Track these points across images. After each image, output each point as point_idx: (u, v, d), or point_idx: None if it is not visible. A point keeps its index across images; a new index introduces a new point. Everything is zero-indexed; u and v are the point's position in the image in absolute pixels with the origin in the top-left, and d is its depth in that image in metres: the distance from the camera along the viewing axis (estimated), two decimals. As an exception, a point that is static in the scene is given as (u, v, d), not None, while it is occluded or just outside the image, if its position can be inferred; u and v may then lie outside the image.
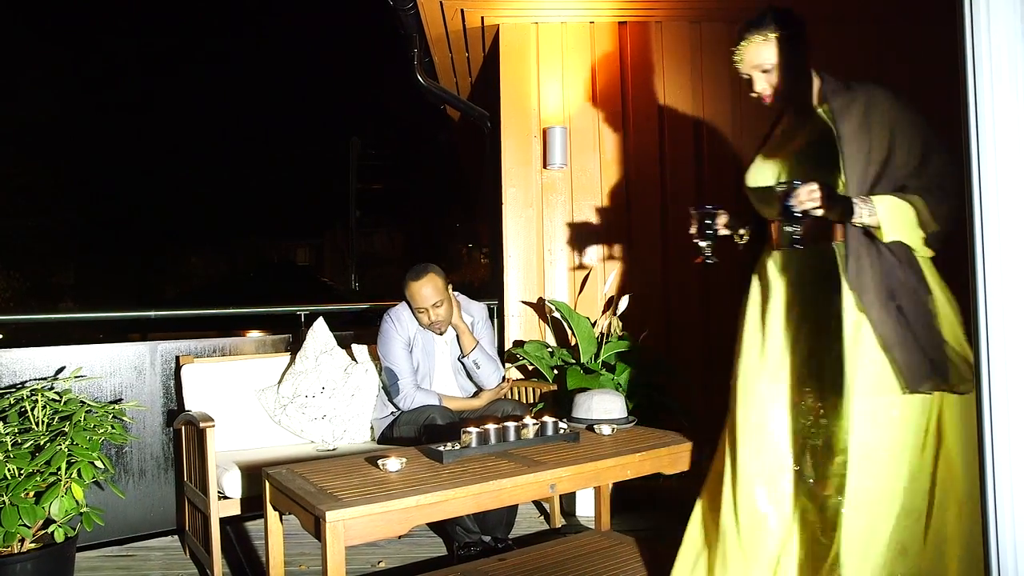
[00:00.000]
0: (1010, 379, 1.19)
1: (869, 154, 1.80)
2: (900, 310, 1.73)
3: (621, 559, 2.47)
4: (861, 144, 1.80)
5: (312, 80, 22.21)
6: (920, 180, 1.78)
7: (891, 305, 1.74)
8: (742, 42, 1.95)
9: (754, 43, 1.93)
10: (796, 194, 1.74)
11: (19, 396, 2.45)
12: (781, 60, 1.91)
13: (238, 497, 2.60)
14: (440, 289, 2.94)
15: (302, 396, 3.02)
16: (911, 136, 1.80)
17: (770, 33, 1.91)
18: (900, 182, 1.79)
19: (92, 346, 3.11)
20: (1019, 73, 1.14)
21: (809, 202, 1.73)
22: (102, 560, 2.88)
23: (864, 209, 1.75)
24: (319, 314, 3.33)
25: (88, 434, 2.39)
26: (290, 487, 1.96)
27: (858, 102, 1.85)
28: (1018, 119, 1.15)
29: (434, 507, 1.89)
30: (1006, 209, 1.19)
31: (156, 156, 19.65)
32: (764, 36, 1.92)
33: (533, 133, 3.93)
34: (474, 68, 4.73)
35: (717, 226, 2.06)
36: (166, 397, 3.21)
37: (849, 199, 1.76)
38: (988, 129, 1.16)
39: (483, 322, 3.19)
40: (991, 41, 1.14)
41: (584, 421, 2.61)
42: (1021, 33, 1.14)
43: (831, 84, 1.93)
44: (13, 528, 2.20)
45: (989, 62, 1.15)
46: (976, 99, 1.16)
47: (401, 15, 3.82)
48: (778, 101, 1.97)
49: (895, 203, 1.76)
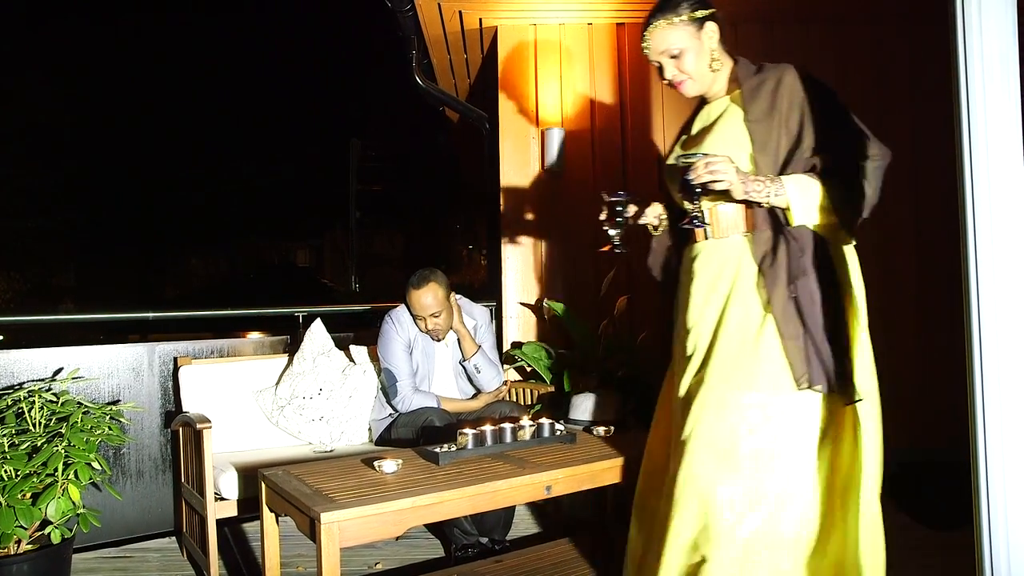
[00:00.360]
0: (1002, 375, 1.19)
1: (779, 135, 1.74)
2: (798, 302, 1.68)
3: (619, 560, 2.46)
4: (771, 125, 1.74)
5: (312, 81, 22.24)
6: (831, 162, 1.72)
7: (792, 296, 1.69)
8: (648, 27, 1.86)
9: (660, 28, 1.84)
10: (695, 166, 1.67)
11: (16, 397, 2.45)
12: (689, 45, 1.83)
13: (235, 498, 2.60)
14: (440, 299, 2.94)
15: (300, 397, 3.02)
16: (823, 117, 1.74)
17: (675, 17, 1.83)
18: (811, 164, 1.73)
19: (90, 347, 3.11)
20: (1011, 72, 1.14)
21: (707, 174, 1.65)
22: (99, 561, 2.88)
23: (772, 187, 1.69)
24: (317, 315, 3.33)
25: (85, 435, 2.39)
26: (286, 488, 1.96)
27: (768, 83, 1.78)
28: (1009, 118, 1.15)
29: (429, 509, 1.89)
30: (998, 204, 1.19)
31: (157, 157, 19.67)
32: (669, 20, 1.83)
33: (531, 134, 3.93)
34: (472, 69, 4.73)
35: (628, 213, 1.93)
36: (164, 398, 3.21)
37: (756, 177, 1.70)
38: (980, 127, 1.16)
39: (485, 326, 3.19)
40: (983, 40, 1.14)
41: (581, 423, 2.61)
42: (1012, 32, 1.14)
43: (743, 67, 1.86)
44: (9, 529, 2.20)
45: (981, 62, 1.15)
46: (968, 98, 1.16)
47: (399, 17, 3.82)
48: (693, 88, 1.89)
49: (805, 182, 1.70)
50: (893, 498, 3.35)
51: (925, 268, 4.01)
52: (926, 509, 3.10)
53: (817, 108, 1.74)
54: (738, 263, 1.80)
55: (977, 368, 1.21)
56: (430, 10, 3.81)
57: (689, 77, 1.86)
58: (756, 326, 1.73)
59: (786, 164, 1.73)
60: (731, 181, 1.66)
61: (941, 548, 2.75)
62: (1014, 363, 1.21)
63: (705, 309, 1.84)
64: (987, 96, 1.16)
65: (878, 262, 4.00)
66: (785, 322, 1.68)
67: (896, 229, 4.02)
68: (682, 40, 1.83)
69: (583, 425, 2.58)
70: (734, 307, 1.78)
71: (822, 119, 1.73)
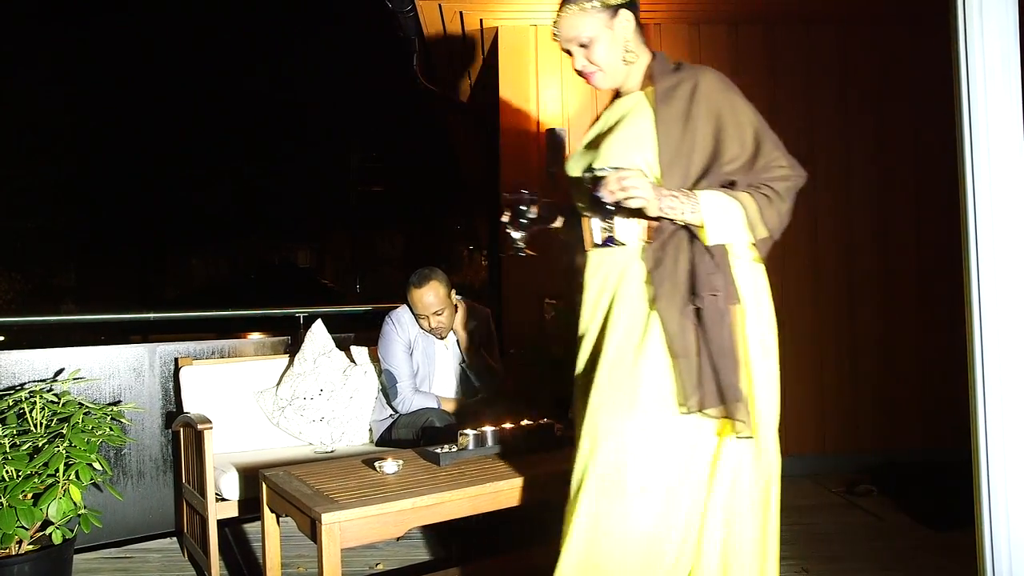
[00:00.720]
0: (1003, 376, 1.19)
1: (692, 145, 1.61)
2: (701, 320, 1.55)
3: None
4: (684, 133, 1.61)
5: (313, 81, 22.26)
6: (750, 177, 1.61)
7: (691, 313, 1.56)
8: (560, 12, 1.73)
9: (570, 13, 1.70)
10: (605, 182, 1.53)
11: (18, 398, 2.45)
12: (600, 34, 1.69)
13: (236, 499, 2.60)
14: (442, 297, 2.94)
15: (300, 398, 3.02)
16: (742, 128, 1.62)
17: (587, 3, 1.69)
18: (728, 178, 1.61)
19: (91, 348, 3.11)
20: (1012, 72, 1.14)
21: (620, 192, 1.52)
22: (100, 562, 2.88)
23: (687, 205, 1.56)
24: (318, 316, 3.33)
25: (86, 436, 2.39)
26: (287, 489, 1.96)
27: (684, 86, 1.64)
28: (1011, 118, 1.15)
29: (430, 509, 1.89)
30: (999, 205, 1.19)
31: (157, 157, 19.68)
32: (581, 7, 1.69)
33: (532, 135, 3.93)
34: (473, 70, 4.74)
35: (531, 214, 1.77)
36: (165, 399, 3.21)
37: (671, 193, 1.57)
38: (981, 128, 1.16)
39: (486, 328, 3.19)
40: (984, 40, 1.14)
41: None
42: (1013, 33, 1.14)
43: (660, 63, 1.72)
44: (11, 530, 2.20)
45: (982, 62, 1.15)
46: (969, 98, 1.16)
47: (400, 17, 3.82)
48: (603, 80, 1.75)
49: (720, 200, 1.57)
50: (893, 498, 3.36)
51: (925, 268, 4.00)
52: (926, 509, 3.10)
53: (733, 119, 1.62)
54: (621, 273, 1.67)
55: (979, 369, 1.21)
56: (431, 11, 3.81)
57: (599, 68, 1.72)
58: (637, 343, 1.60)
59: (700, 178, 1.62)
60: (646, 199, 1.54)
61: (941, 548, 2.75)
62: (1015, 363, 1.21)
63: (591, 323, 1.72)
64: (988, 95, 1.16)
65: (879, 262, 4.00)
66: (679, 339, 1.55)
67: (897, 229, 4.02)
68: (592, 28, 1.69)
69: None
70: (616, 322, 1.65)
71: (738, 132, 1.62)
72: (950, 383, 3.89)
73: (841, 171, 3.98)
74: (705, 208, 1.56)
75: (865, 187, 3.99)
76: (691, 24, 3.96)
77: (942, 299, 3.96)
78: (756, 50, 3.97)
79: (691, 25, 3.96)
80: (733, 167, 1.60)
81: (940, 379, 3.93)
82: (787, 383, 4.11)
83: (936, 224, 3.99)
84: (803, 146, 3.96)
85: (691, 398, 1.53)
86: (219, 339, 3.42)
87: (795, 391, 3.89)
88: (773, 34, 3.98)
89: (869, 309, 3.97)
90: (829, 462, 3.87)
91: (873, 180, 4.00)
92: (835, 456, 3.88)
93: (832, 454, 3.89)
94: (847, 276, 3.96)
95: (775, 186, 1.59)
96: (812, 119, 3.97)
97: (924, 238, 4.01)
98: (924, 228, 4.01)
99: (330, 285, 20.37)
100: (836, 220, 3.95)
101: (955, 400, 3.82)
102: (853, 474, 3.75)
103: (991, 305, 1.20)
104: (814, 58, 4.00)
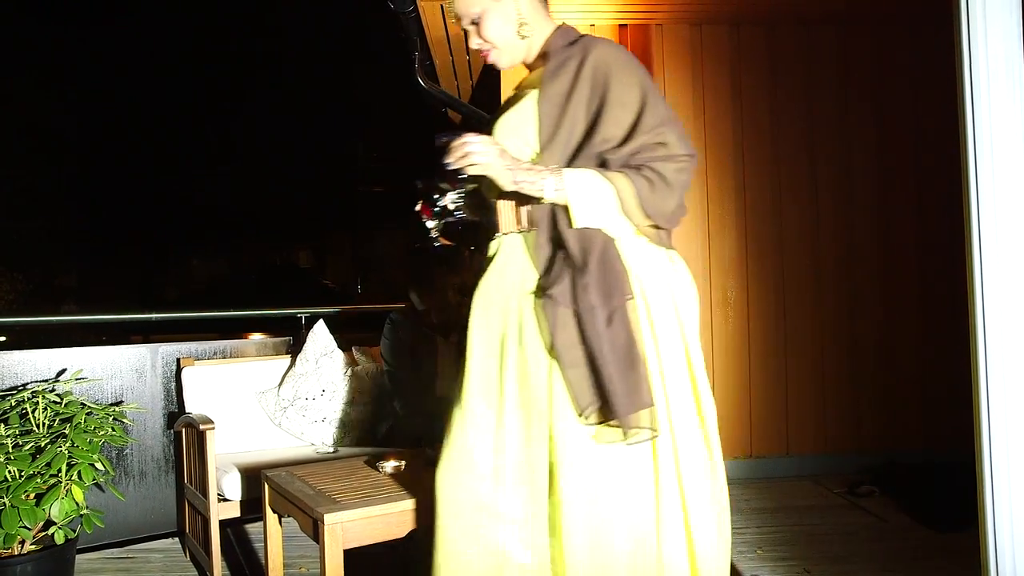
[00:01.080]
0: (1007, 377, 1.19)
1: (573, 123, 1.47)
2: (578, 316, 1.39)
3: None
4: (565, 112, 1.48)
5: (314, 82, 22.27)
6: (629, 158, 1.45)
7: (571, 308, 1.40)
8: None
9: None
10: (451, 148, 1.40)
11: (20, 398, 2.46)
12: (489, 7, 1.57)
13: (238, 499, 2.60)
14: None
15: (302, 399, 3.02)
16: (625, 106, 1.46)
17: None
18: (604, 158, 1.46)
19: (93, 348, 3.12)
20: (1016, 73, 1.14)
21: (463, 159, 1.39)
22: (102, 562, 2.89)
23: (549, 180, 1.41)
24: (320, 316, 3.34)
25: (88, 436, 2.39)
26: (289, 489, 1.96)
27: (572, 61, 1.51)
28: (1015, 119, 1.15)
29: (433, 509, 1.89)
30: (1003, 207, 1.19)
31: (159, 158, 19.70)
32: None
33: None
34: (475, 71, 4.74)
35: (446, 203, 1.61)
36: (167, 399, 3.21)
37: (530, 167, 1.44)
38: (985, 129, 1.16)
39: None
40: (987, 42, 1.14)
41: (584, 424, 2.61)
42: (1018, 34, 1.14)
43: (558, 38, 1.58)
44: (13, 530, 2.20)
45: (986, 63, 1.15)
46: (973, 100, 1.16)
47: (402, 18, 3.82)
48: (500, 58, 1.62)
49: (590, 178, 1.42)
50: (895, 498, 3.36)
51: (926, 268, 4.01)
52: (927, 510, 3.10)
53: (617, 96, 1.46)
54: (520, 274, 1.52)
55: (982, 368, 1.21)
56: (433, 11, 3.81)
57: (492, 46, 1.59)
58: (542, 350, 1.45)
59: (575, 156, 1.47)
60: (489, 164, 1.40)
61: (941, 550, 2.75)
62: (1019, 363, 1.21)
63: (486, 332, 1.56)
64: (992, 96, 1.16)
65: (880, 262, 4.00)
66: (566, 348, 1.39)
67: (898, 229, 4.02)
68: (481, 3, 1.56)
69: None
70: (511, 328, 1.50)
71: (620, 109, 1.46)
72: (952, 383, 3.89)
73: (842, 171, 3.98)
74: (570, 186, 1.41)
75: (866, 188, 3.99)
76: (692, 25, 3.96)
77: (943, 299, 3.96)
78: (757, 51, 3.97)
79: (692, 26, 3.96)
80: (608, 146, 1.46)
81: (941, 379, 3.93)
82: (788, 383, 4.12)
83: (937, 224, 3.99)
84: (804, 146, 3.96)
85: (587, 408, 1.38)
86: (221, 339, 3.43)
87: (796, 391, 3.90)
88: (774, 35, 3.98)
89: (870, 309, 3.97)
90: (830, 462, 3.87)
91: (874, 181, 4.00)
92: (836, 456, 3.88)
93: (833, 454, 3.89)
94: (848, 276, 3.96)
95: (659, 168, 1.43)
96: (813, 119, 3.98)
97: (925, 238, 4.01)
98: (925, 228, 4.02)
99: (331, 285, 20.38)
100: (837, 220, 3.96)
101: (957, 400, 3.83)
102: (854, 475, 3.75)
103: (995, 306, 1.20)
104: (815, 59, 4.00)
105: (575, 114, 1.47)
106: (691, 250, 3.89)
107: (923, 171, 4.01)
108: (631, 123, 1.46)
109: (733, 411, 3.80)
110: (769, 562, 2.64)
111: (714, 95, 3.95)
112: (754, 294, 3.91)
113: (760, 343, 3.89)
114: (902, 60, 4.02)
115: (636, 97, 1.47)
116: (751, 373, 3.85)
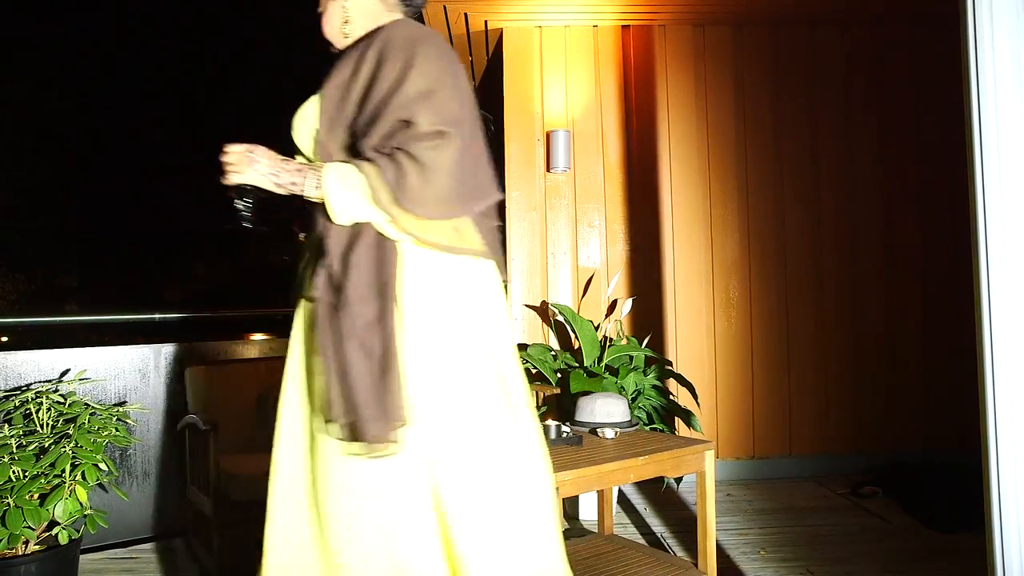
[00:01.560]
0: (1014, 377, 1.19)
1: (352, 113, 1.38)
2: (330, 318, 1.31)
3: (624, 563, 2.47)
4: (342, 103, 1.39)
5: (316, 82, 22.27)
6: (379, 142, 1.33)
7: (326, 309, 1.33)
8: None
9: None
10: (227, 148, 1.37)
11: (24, 398, 2.46)
12: (326, 5, 1.54)
13: (241, 500, 2.60)
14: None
15: (305, 399, 3.02)
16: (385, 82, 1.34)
17: None
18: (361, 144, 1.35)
19: (96, 349, 3.12)
20: (1023, 74, 1.14)
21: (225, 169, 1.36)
22: (106, 562, 2.89)
23: (311, 179, 1.34)
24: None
25: (92, 436, 2.40)
26: (293, 490, 1.96)
27: (361, 45, 1.42)
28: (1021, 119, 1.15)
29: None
30: (1009, 207, 1.19)
31: (160, 158, 19.72)
32: None
33: (536, 136, 3.94)
34: (477, 71, 4.74)
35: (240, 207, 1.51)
36: (170, 400, 3.22)
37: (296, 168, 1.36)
38: (991, 128, 1.16)
39: None
40: (995, 44, 1.14)
41: (587, 424, 2.61)
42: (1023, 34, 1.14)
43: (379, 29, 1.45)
44: (17, 530, 2.20)
45: (992, 63, 1.15)
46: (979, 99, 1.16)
47: (404, 18, 3.82)
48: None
49: (345, 172, 1.32)
50: (897, 499, 3.36)
51: (929, 269, 4.01)
52: (930, 511, 3.10)
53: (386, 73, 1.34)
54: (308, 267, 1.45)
55: (989, 369, 1.21)
56: (435, 12, 3.81)
57: (329, 40, 1.56)
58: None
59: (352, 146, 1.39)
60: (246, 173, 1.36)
61: (944, 551, 2.75)
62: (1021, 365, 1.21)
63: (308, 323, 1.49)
64: (998, 97, 1.16)
65: (882, 262, 4.00)
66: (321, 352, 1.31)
67: (900, 229, 4.02)
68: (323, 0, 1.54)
69: (589, 427, 2.59)
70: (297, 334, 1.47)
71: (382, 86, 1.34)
72: (954, 384, 3.90)
73: (844, 171, 3.98)
74: (327, 182, 1.32)
75: (868, 187, 3.99)
76: (695, 25, 3.97)
77: (945, 300, 3.97)
78: (760, 52, 3.98)
79: (695, 27, 3.97)
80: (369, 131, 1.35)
81: (944, 380, 3.94)
82: (790, 384, 4.12)
83: (939, 224, 3.99)
84: (806, 147, 3.96)
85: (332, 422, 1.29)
86: (224, 340, 3.43)
87: (798, 392, 3.91)
88: (776, 35, 3.98)
89: (872, 310, 3.97)
90: (832, 463, 3.87)
91: (876, 180, 4.00)
92: (838, 457, 3.88)
93: (836, 455, 3.89)
94: (850, 276, 3.97)
95: (411, 149, 1.30)
96: (815, 120, 3.98)
97: (927, 238, 4.01)
98: (927, 228, 4.02)
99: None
100: (839, 220, 3.96)
101: (959, 401, 3.84)
102: (857, 475, 3.75)
103: (1001, 306, 1.20)
104: (817, 59, 4.00)
105: (355, 102, 1.38)
106: (693, 250, 3.90)
107: (926, 171, 4.01)
108: (381, 100, 1.33)
109: (735, 412, 3.81)
110: (773, 563, 2.65)
111: (716, 96, 3.96)
112: (756, 294, 3.91)
113: (762, 343, 3.89)
114: (904, 61, 4.03)
115: (395, 73, 1.34)
116: (753, 373, 3.85)
